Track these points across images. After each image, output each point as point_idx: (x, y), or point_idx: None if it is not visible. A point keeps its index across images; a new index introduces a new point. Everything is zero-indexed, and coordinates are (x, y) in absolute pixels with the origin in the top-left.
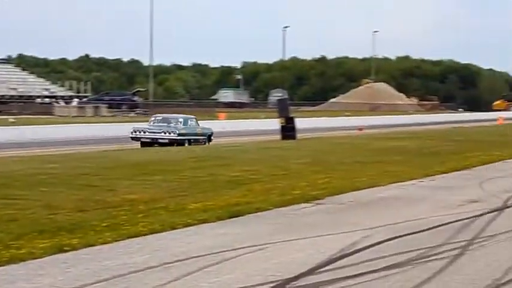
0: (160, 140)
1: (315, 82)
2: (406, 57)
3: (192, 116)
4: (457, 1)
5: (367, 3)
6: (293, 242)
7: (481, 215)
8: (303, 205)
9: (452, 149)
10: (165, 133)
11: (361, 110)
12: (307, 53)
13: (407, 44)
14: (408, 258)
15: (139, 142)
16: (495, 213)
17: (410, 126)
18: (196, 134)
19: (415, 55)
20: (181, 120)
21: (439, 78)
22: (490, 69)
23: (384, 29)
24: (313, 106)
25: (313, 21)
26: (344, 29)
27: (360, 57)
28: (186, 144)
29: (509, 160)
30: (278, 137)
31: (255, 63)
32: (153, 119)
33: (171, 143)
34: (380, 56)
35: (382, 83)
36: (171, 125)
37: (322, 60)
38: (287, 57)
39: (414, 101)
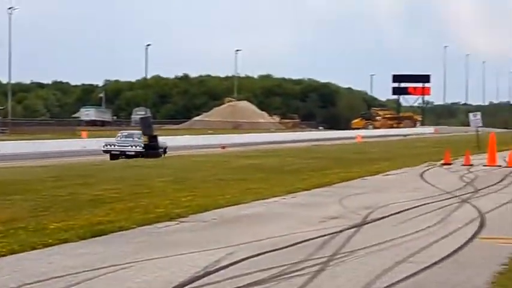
0: (127, 153)
1: (178, 100)
2: (268, 76)
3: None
4: (317, 23)
5: (230, 22)
6: (157, 261)
7: (341, 231)
8: (167, 223)
9: (313, 167)
10: (131, 146)
11: (224, 128)
12: (170, 71)
13: (269, 63)
14: (271, 274)
15: (109, 154)
16: (354, 229)
17: (271, 144)
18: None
19: (277, 74)
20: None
21: (300, 96)
22: (349, 88)
23: (246, 48)
24: (177, 124)
25: (176, 40)
26: (207, 48)
27: (223, 75)
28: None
29: (368, 177)
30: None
31: (117, 81)
32: (119, 134)
33: (137, 155)
34: (242, 75)
35: (245, 102)
36: (136, 139)
37: (185, 78)
38: (150, 75)
39: (276, 119)
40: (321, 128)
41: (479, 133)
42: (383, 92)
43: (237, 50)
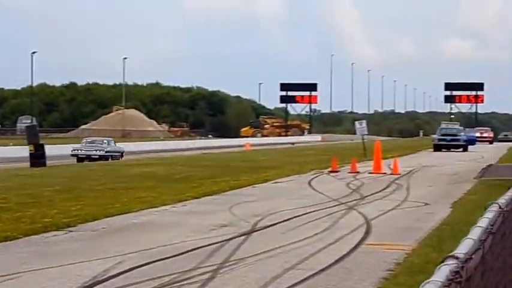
0: (92, 156)
1: (65, 108)
2: (157, 84)
3: (111, 139)
4: (208, 30)
5: (119, 29)
6: (45, 271)
7: (231, 238)
8: (54, 233)
9: (203, 175)
10: (96, 151)
11: (113, 136)
12: (57, 79)
13: (158, 71)
14: (161, 283)
15: (76, 158)
16: (244, 236)
17: (161, 153)
18: (115, 151)
19: (166, 82)
20: (105, 141)
21: (189, 105)
22: (238, 96)
23: (135, 56)
24: (64, 133)
25: (63, 47)
26: (95, 55)
27: (111, 83)
28: (110, 159)
29: (257, 185)
30: (27, 164)
31: (1, 89)
32: (84, 141)
33: (100, 158)
34: (131, 83)
35: (133, 110)
36: (99, 145)
37: (72, 86)
38: (36, 83)
39: (165, 127)
40: (210, 136)
41: (365, 141)
42: (271, 100)
43: (125, 58)
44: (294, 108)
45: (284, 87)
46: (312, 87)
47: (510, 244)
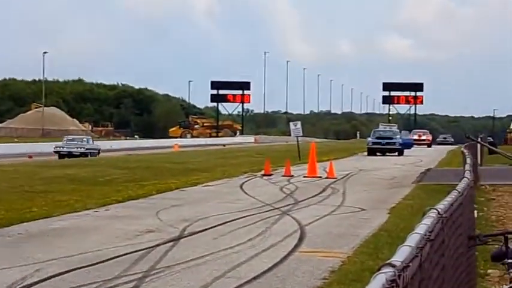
0: (74, 153)
1: None
2: (79, 81)
3: (90, 137)
4: (137, 25)
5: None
6: None
7: (158, 245)
8: None
9: (128, 177)
10: (77, 148)
11: (32, 136)
12: None
13: (80, 67)
14: None
15: (58, 154)
16: (172, 243)
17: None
18: (94, 149)
19: (89, 79)
20: (85, 139)
21: (114, 103)
22: (166, 95)
23: (56, 51)
24: None
25: None
26: (12, 50)
27: (30, 79)
28: (89, 156)
29: (186, 188)
30: None
31: None
32: (65, 139)
33: (81, 155)
34: (51, 79)
35: (53, 108)
36: (79, 142)
37: None
38: None
39: (88, 126)
40: (136, 136)
41: (300, 143)
42: (202, 99)
43: (45, 52)
44: (226, 108)
45: (215, 85)
46: (245, 85)
47: (449, 252)
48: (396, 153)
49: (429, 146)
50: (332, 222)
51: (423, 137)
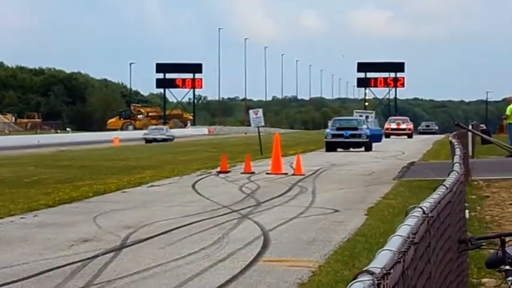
0: (157, 138)
1: None
2: (0, 65)
3: (167, 127)
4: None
5: None
6: None
7: (96, 256)
8: None
9: (60, 177)
10: (160, 135)
11: None
12: None
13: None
14: None
15: (145, 140)
16: (112, 253)
17: (5, 150)
18: (170, 136)
19: (11, 62)
20: (164, 128)
21: (41, 90)
22: (104, 80)
23: None
24: None
25: None
26: None
27: None
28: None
29: (128, 189)
30: None
31: None
32: (150, 127)
33: (163, 140)
34: None
35: None
36: (161, 130)
37: None
38: None
39: (10, 118)
40: (68, 129)
41: (262, 134)
42: (146, 84)
43: None
44: (174, 95)
45: (161, 68)
46: (196, 68)
47: (436, 257)
48: (363, 148)
49: (410, 136)
50: (300, 226)
51: (402, 126)
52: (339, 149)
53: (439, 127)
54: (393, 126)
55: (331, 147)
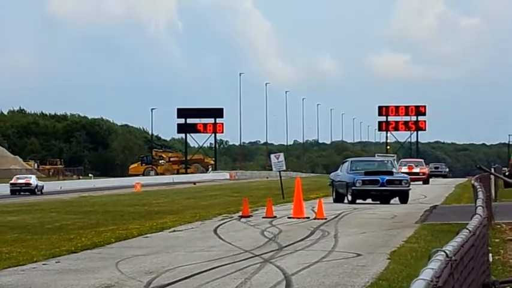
0: None
1: None
2: (21, 111)
3: None
4: (86, 44)
5: None
6: None
7: None
8: None
9: (82, 223)
10: None
11: None
12: None
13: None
14: None
15: None
16: None
17: (27, 197)
18: None
19: (32, 109)
20: None
21: (64, 136)
22: (125, 126)
23: None
24: None
25: None
26: None
27: None
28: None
29: (150, 234)
30: None
31: None
32: None
33: None
34: None
35: None
36: None
37: None
38: None
39: (33, 165)
40: (90, 175)
41: (283, 178)
42: (167, 130)
43: None
44: (195, 140)
45: (182, 113)
46: (217, 113)
47: None
48: (398, 198)
49: (425, 182)
50: (323, 270)
51: (415, 170)
52: (370, 199)
53: (458, 170)
54: (404, 169)
55: (361, 196)
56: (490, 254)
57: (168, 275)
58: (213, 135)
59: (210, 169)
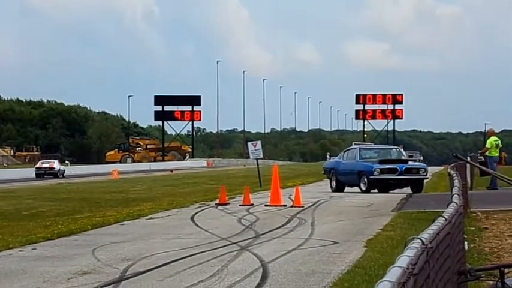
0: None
1: None
2: None
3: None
4: (65, 32)
5: None
6: None
7: None
8: None
9: (59, 210)
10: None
11: None
12: None
13: None
14: None
15: None
16: (111, 286)
17: (3, 183)
18: None
19: (8, 95)
20: None
21: (40, 123)
22: (102, 113)
23: None
24: None
25: None
26: None
27: None
28: None
29: (127, 222)
30: None
31: None
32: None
33: None
34: None
35: None
36: None
37: None
38: None
39: (9, 151)
40: (67, 162)
41: (260, 166)
42: (144, 117)
43: None
44: (173, 127)
45: (159, 100)
46: (194, 100)
47: None
48: (411, 187)
49: None
50: (299, 258)
51: None
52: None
53: (435, 158)
54: None
55: (377, 185)
56: (466, 242)
57: (144, 262)
58: (191, 122)
59: (188, 157)
